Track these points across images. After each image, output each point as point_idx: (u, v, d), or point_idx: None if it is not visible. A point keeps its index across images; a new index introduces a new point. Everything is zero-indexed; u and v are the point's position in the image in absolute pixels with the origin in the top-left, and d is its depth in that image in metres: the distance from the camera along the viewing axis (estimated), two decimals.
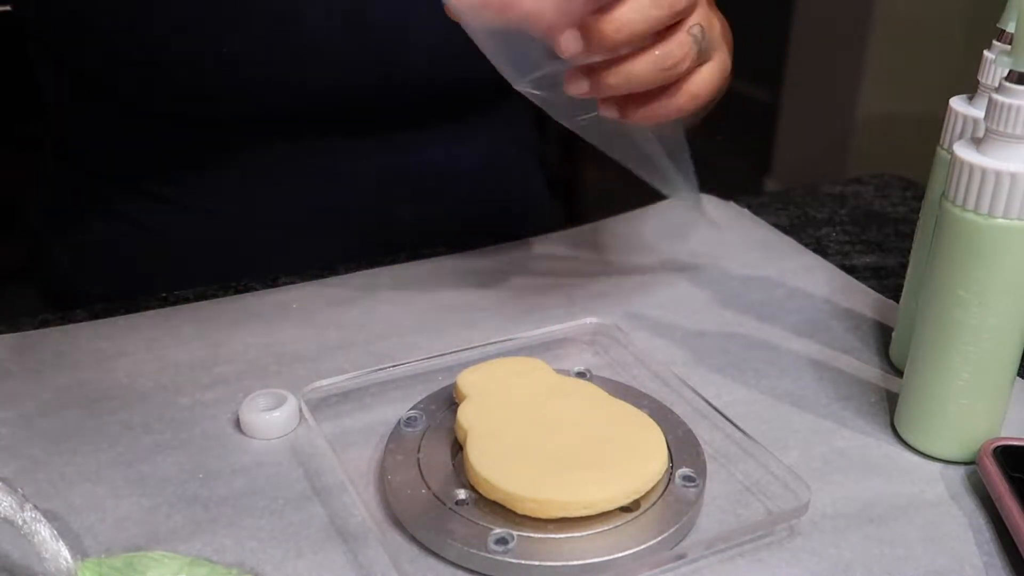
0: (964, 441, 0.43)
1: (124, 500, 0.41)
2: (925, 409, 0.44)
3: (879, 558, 0.39)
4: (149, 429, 0.46)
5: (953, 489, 0.43)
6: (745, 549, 0.39)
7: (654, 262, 0.62)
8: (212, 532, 0.39)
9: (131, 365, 0.51)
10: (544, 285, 0.59)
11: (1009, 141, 0.39)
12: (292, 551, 0.39)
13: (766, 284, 0.60)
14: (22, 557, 0.38)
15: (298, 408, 0.46)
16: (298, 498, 0.41)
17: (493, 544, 0.37)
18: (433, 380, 0.48)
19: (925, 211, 0.49)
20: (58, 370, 0.50)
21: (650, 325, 0.55)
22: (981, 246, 0.40)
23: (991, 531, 0.40)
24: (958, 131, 0.45)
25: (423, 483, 0.40)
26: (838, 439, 0.46)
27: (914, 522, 0.41)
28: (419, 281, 0.60)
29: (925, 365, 0.43)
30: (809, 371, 0.51)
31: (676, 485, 0.40)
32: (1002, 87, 0.39)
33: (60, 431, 0.45)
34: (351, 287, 0.59)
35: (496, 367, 0.46)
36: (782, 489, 0.41)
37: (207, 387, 0.49)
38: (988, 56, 0.45)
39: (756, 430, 0.45)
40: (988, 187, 0.39)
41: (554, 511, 0.38)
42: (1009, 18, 0.43)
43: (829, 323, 0.55)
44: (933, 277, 0.42)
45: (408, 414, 0.45)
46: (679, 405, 0.46)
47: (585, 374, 0.48)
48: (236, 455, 0.44)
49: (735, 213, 0.69)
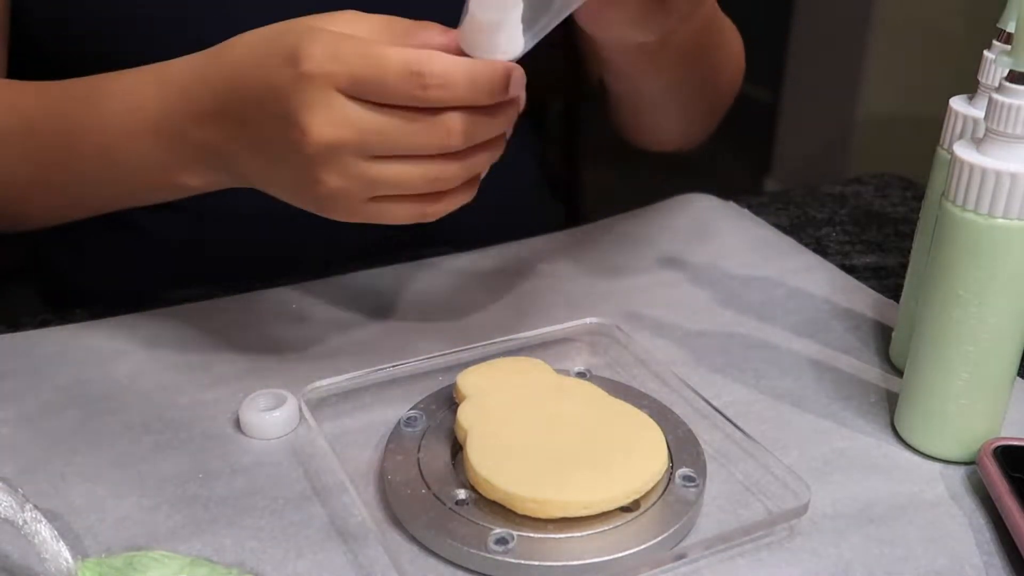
0: (964, 441, 0.43)
1: (124, 500, 0.41)
2: (925, 409, 0.44)
3: (879, 558, 0.39)
4: (149, 429, 0.46)
5: (953, 489, 0.42)
6: (745, 549, 0.39)
7: (654, 262, 0.62)
8: (212, 532, 0.39)
9: (131, 365, 0.51)
10: (544, 285, 0.59)
11: (1009, 141, 0.39)
12: (292, 551, 0.39)
13: (766, 284, 0.60)
14: (22, 557, 0.38)
15: (298, 408, 0.46)
16: (298, 498, 0.41)
17: (493, 544, 0.37)
18: (433, 380, 0.48)
19: (925, 211, 0.49)
20: (58, 370, 0.50)
21: (650, 325, 0.55)
22: (981, 246, 0.40)
23: (991, 531, 0.40)
24: (958, 131, 0.45)
25: (423, 483, 0.40)
26: (838, 439, 0.46)
27: (914, 522, 0.41)
28: (419, 281, 0.60)
29: (925, 365, 0.43)
30: (809, 371, 0.51)
31: (676, 485, 0.40)
32: (1002, 87, 0.39)
33: (60, 431, 0.45)
34: (351, 287, 0.59)
35: (496, 367, 0.46)
36: (782, 489, 0.41)
37: (207, 387, 0.49)
38: (988, 56, 0.45)
39: (756, 430, 0.45)
40: (988, 187, 0.39)
41: (554, 511, 0.38)
42: (1009, 18, 0.43)
43: (829, 323, 0.55)
44: (933, 277, 0.42)
45: (408, 414, 0.45)
46: (679, 405, 0.46)
47: (585, 374, 0.48)
48: (236, 455, 0.44)
49: (735, 213, 0.69)
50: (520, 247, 0.64)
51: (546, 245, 0.64)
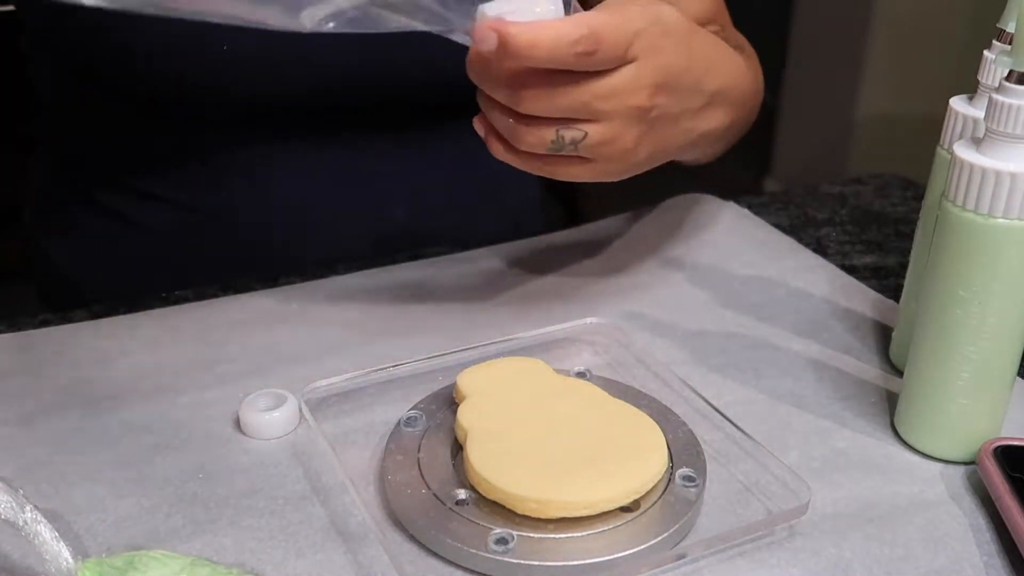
0: (964, 441, 0.43)
1: (124, 500, 0.41)
2: (925, 409, 0.44)
3: (879, 558, 0.39)
4: (149, 429, 0.46)
5: (953, 489, 0.43)
6: (745, 549, 0.39)
7: (654, 262, 0.62)
8: (212, 532, 0.39)
9: (131, 365, 0.51)
10: (544, 285, 0.59)
11: (1009, 141, 0.39)
12: (292, 551, 0.39)
13: (766, 284, 0.60)
14: (22, 558, 0.38)
15: (298, 408, 0.46)
16: (298, 498, 0.41)
17: (493, 544, 0.37)
18: (433, 380, 0.48)
19: (925, 211, 0.49)
20: (58, 370, 0.50)
21: (650, 325, 0.55)
22: (981, 246, 0.40)
23: (991, 531, 0.40)
24: (958, 131, 0.45)
25: (423, 483, 0.40)
26: (838, 439, 0.46)
27: (914, 522, 0.41)
28: (419, 281, 0.60)
29: (925, 365, 0.43)
30: (809, 371, 0.51)
31: (676, 485, 0.40)
32: (1002, 87, 0.39)
33: (60, 431, 0.45)
34: (351, 287, 0.59)
35: (496, 367, 0.46)
36: (782, 489, 0.41)
37: (207, 387, 0.49)
38: (988, 56, 0.45)
39: (756, 430, 0.45)
40: (988, 187, 0.39)
41: (554, 511, 0.38)
42: (1009, 18, 0.43)
43: (829, 323, 0.55)
44: (933, 277, 0.42)
45: (408, 414, 0.45)
46: (679, 405, 0.46)
47: (585, 374, 0.48)
48: (236, 455, 0.44)
49: (735, 213, 0.69)
50: (520, 247, 0.64)
51: (546, 245, 0.64)
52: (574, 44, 0.41)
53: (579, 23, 0.41)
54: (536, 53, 0.41)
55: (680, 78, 0.47)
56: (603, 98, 0.44)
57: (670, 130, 0.49)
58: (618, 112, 0.45)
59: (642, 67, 0.45)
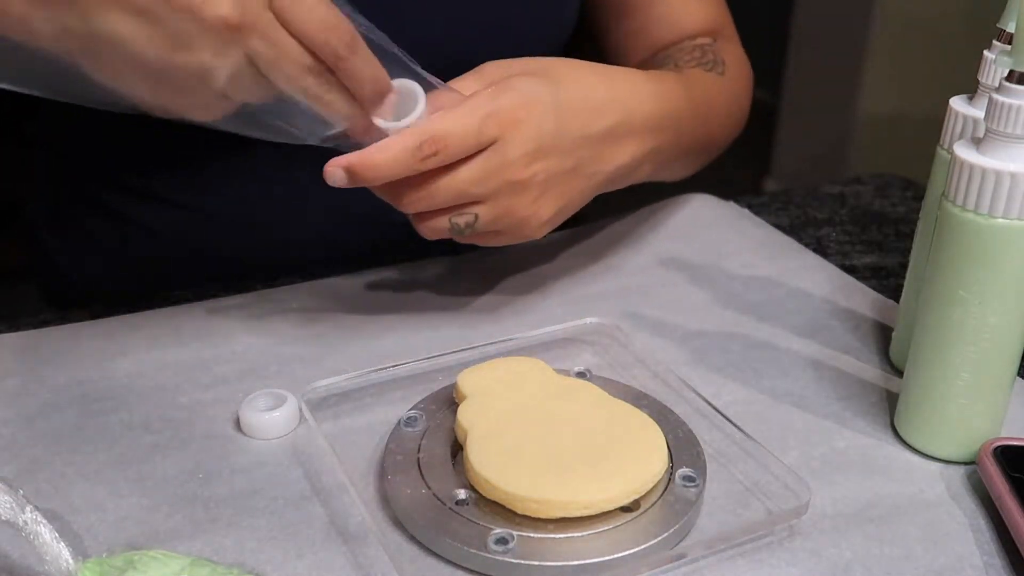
0: (964, 441, 0.43)
1: (124, 500, 0.41)
2: (925, 409, 0.44)
3: (879, 558, 0.39)
4: (149, 429, 0.46)
5: (953, 489, 0.43)
6: (745, 549, 0.39)
7: (654, 262, 0.62)
8: (212, 532, 0.39)
9: (131, 365, 0.51)
10: (544, 285, 0.59)
11: (1009, 141, 0.39)
12: (292, 551, 0.39)
13: (766, 284, 0.60)
14: (22, 558, 0.38)
15: (298, 408, 0.46)
16: (298, 498, 0.41)
17: (493, 544, 0.37)
18: (433, 380, 0.48)
19: (925, 211, 0.49)
20: (58, 370, 0.50)
21: (650, 325, 0.55)
22: (981, 246, 0.40)
23: (991, 531, 0.40)
24: (958, 131, 0.45)
25: (423, 483, 0.40)
26: (838, 439, 0.46)
27: (914, 522, 0.41)
28: (419, 281, 0.60)
29: (925, 365, 0.43)
30: (809, 371, 0.51)
31: (676, 485, 0.40)
32: (1002, 87, 0.39)
33: (60, 431, 0.45)
34: (351, 287, 0.59)
35: (496, 367, 0.46)
36: (782, 489, 0.41)
37: (207, 387, 0.49)
38: (988, 56, 0.45)
39: (756, 430, 0.45)
40: (988, 187, 0.39)
41: (554, 511, 0.38)
42: (1009, 18, 0.43)
43: (829, 323, 0.55)
44: (933, 277, 0.42)
45: (408, 414, 0.45)
46: (679, 405, 0.46)
47: (585, 374, 0.48)
48: (236, 455, 0.44)
49: (735, 213, 0.69)
50: (520, 247, 0.64)
51: (546, 245, 0.64)
52: (416, 151, 0.44)
53: (417, 131, 0.44)
54: (380, 173, 0.44)
55: (554, 138, 0.48)
56: (478, 182, 0.46)
57: (570, 183, 0.50)
58: (500, 190, 0.47)
59: (506, 144, 0.46)
